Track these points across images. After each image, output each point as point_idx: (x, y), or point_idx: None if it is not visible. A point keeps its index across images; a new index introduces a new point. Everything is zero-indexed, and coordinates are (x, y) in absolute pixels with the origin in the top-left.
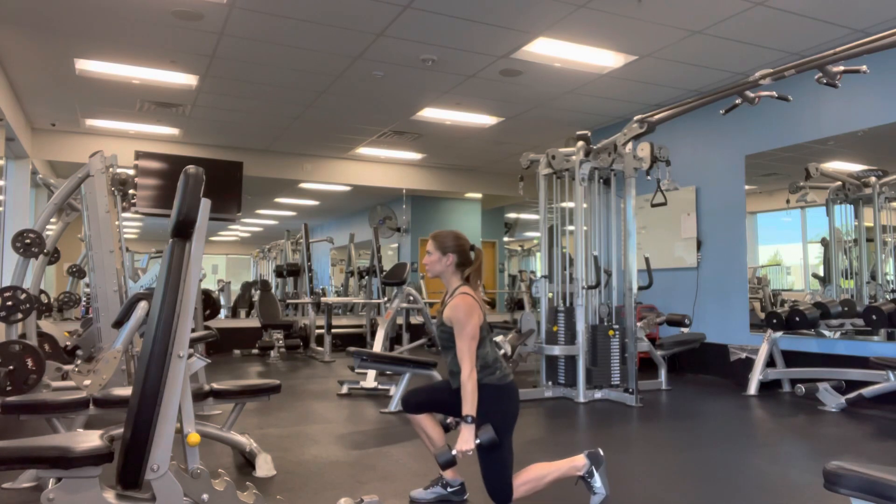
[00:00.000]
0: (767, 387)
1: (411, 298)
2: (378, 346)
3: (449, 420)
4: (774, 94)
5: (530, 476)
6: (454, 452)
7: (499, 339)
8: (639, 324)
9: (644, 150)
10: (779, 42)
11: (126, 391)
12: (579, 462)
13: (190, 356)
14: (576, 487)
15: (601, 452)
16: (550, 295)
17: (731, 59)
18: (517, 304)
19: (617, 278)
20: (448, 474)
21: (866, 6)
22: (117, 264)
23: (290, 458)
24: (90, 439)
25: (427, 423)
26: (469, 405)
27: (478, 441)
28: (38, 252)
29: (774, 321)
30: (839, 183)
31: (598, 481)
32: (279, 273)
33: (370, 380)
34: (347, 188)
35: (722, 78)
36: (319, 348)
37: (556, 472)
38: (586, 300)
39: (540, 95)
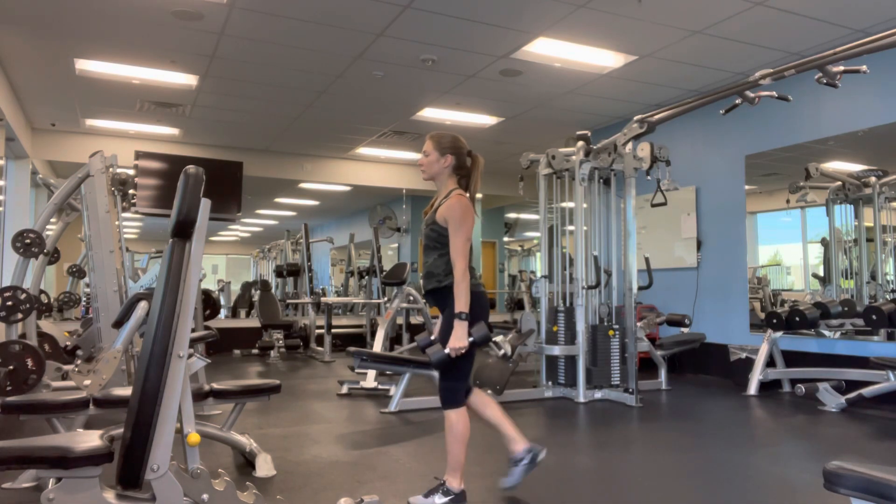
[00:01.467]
0: (767, 387)
1: (411, 298)
2: (378, 346)
3: (433, 338)
4: (774, 94)
5: (483, 405)
6: (446, 350)
7: (499, 339)
8: (639, 324)
9: (644, 150)
10: (779, 42)
11: (126, 391)
12: (520, 444)
13: (190, 356)
14: (568, 484)
15: (542, 455)
16: (550, 295)
17: (731, 59)
18: (517, 304)
19: (617, 278)
20: (451, 483)
21: (866, 6)
22: (117, 264)
23: (290, 458)
24: (90, 439)
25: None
26: (463, 302)
27: (471, 338)
28: (38, 252)
29: (774, 321)
30: (839, 183)
31: (519, 470)
32: (279, 273)
33: (370, 380)
34: (347, 188)
35: (722, 78)
36: (319, 348)
37: (499, 422)
38: (586, 300)
39: (540, 95)
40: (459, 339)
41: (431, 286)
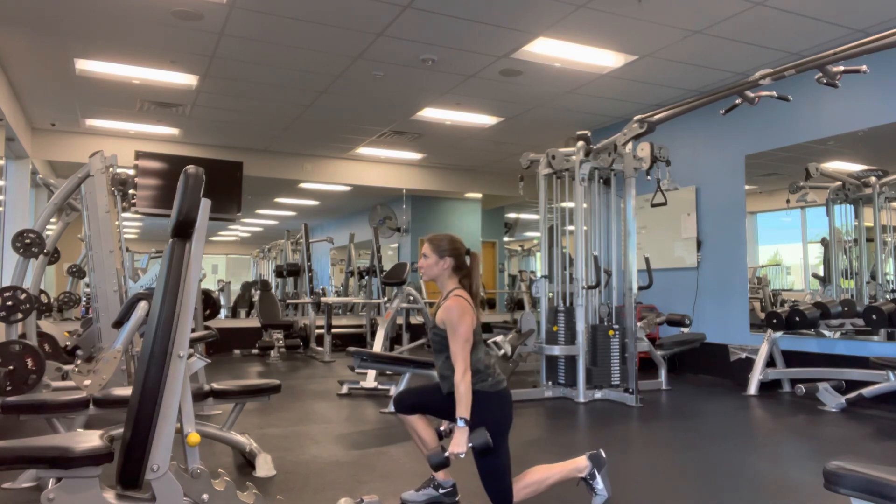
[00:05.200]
0: (767, 387)
1: (411, 298)
2: (378, 346)
3: (443, 427)
4: (774, 94)
5: (532, 479)
6: (446, 454)
7: (499, 339)
8: (639, 324)
9: (644, 150)
10: (779, 42)
11: (126, 391)
12: (581, 464)
13: (190, 356)
14: (578, 489)
15: (603, 454)
16: (550, 295)
17: (731, 59)
18: (517, 304)
19: (617, 278)
20: (440, 475)
21: (866, 6)
22: (117, 264)
23: (290, 458)
24: (90, 439)
25: (419, 425)
26: (463, 407)
27: (470, 445)
28: (38, 252)
29: (774, 321)
30: (839, 183)
31: (599, 483)
32: (279, 273)
33: (370, 380)
34: (347, 188)
35: (722, 78)
36: (319, 348)
37: (558, 475)
38: (586, 300)
39: (540, 95)
40: (458, 444)
41: (448, 388)
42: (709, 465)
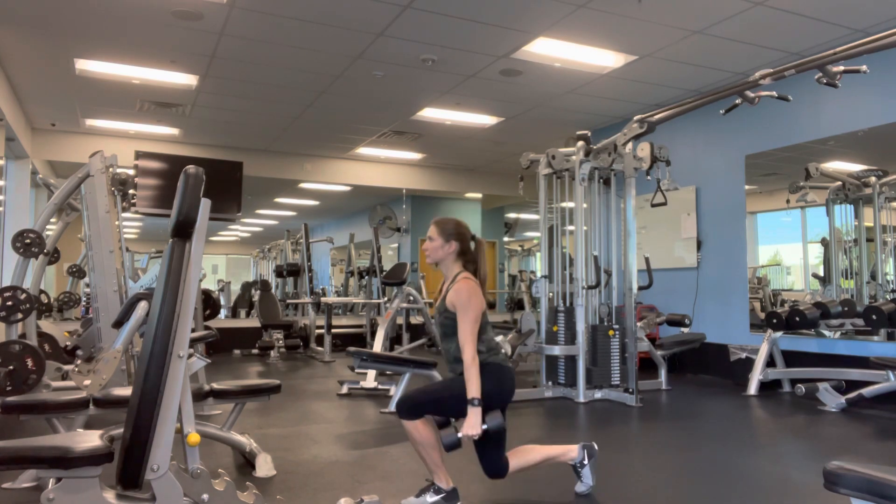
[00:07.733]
0: (767, 387)
1: (411, 298)
2: (378, 346)
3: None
4: (774, 94)
5: (524, 456)
6: (460, 435)
7: (499, 339)
8: (639, 324)
9: (644, 150)
10: (779, 42)
11: (126, 391)
12: (572, 451)
13: (190, 356)
14: (568, 484)
15: (595, 446)
16: (550, 295)
17: (731, 59)
18: (517, 304)
19: (617, 278)
20: (441, 481)
21: (866, 6)
22: (117, 264)
23: (290, 458)
24: (90, 439)
25: (423, 429)
26: (474, 388)
27: (485, 426)
28: (38, 252)
29: (774, 321)
30: (839, 183)
31: (587, 471)
32: (279, 273)
33: (370, 380)
34: (347, 188)
35: (722, 78)
36: (319, 348)
37: (547, 454)
38: (586, 300)
39: (540, 95)
40: (473, 426)
41: (460, 371)
42: (709, 465)
